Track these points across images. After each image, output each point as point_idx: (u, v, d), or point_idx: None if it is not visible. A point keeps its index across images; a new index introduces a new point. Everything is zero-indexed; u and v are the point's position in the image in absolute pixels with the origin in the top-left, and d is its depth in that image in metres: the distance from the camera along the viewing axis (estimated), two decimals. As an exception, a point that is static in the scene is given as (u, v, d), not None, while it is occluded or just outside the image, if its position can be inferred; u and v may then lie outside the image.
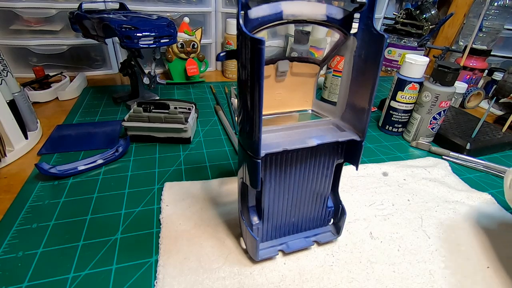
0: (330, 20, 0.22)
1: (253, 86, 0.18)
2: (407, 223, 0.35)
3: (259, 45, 0.17)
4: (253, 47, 0.17)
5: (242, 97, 0.21)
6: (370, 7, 0.21)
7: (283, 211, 0.28)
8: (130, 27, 0.47)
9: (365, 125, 0.24)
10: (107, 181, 0.39)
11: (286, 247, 0.30)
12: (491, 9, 0.75)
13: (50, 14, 0.66)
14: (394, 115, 0.54)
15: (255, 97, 0.18)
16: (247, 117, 0.20)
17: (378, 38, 0.21)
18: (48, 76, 0.64)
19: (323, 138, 0.23)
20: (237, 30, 0.19)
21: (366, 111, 0.23)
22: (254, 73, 0.18)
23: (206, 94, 0.69)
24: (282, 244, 0.30)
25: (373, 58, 0.22)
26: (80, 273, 0.27)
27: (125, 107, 0.60)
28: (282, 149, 0.22)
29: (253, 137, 0.20)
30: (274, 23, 0.21)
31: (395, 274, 0.29)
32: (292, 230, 0.31)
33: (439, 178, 0.44)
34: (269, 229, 0.29)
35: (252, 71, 0.18)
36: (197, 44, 0.70)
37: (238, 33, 0.19)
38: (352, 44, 0.24)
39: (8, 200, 0.35)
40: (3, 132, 0.41)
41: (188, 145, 0.49)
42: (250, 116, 0.20)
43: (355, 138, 0.24)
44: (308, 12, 0.22)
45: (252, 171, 0.22)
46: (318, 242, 0.31)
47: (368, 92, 0.23)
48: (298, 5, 0.21)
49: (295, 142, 0.22)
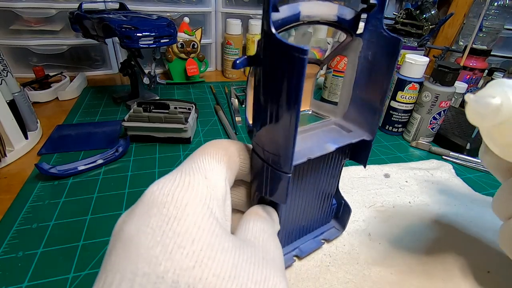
0: (340, 21, 0.22)
1: (289, 101, 0.16)
2: (407, 225, 0.35)
3: (302, 54, 0.14)
4: (293, 57, 0.14)
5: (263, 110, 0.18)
6: (380, 7, 0.21)
7: (297, 217, 0.28)
8: (130, 27, 0.47)
9: (376, 125, 0.24)
10: (107, 181, 0.39)
11: (300, 252, 0.29)
12: (491, 9, 0.75)
13: (50, 14, 0.66)
14: (394, 115, 0.54)
15: (291, 114, 0.16)
16: (274, 132, 0.18)
17: (392, 41, 0.20)
18: (48, 76, 0.64)
19: (337, 141, 0.23)
20: (264, 35, 0.16)
21: (378, 111, 0.23)
22: (291, 88, 0.15)
23: (206, 94, 0.69)
24: (295, 249, 0.29)
25: (386, 61, 0.21)
26: (80, 273, 0.27)
27: (125, 107, 0.60)
28: (307, 159, 0.20)
29: (285, 152, 0.18)
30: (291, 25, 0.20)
31: (392, 276, 0.29)
32: (302, 233, 0.30)
33: (442, 181, 0.43)
34: (283, 237, 0.28)
35: (289, 85, 0.15)
36: (197, 44, 0.70)
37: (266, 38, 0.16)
38: (358, 45, 0.24)
39: (8, 200, 0.35)
40: (3, 132, 0.41)
41: (188, 145, 0.49)
42: (279, 132, 0.17)
43: (366, 138, 0.24)
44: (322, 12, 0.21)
45: (281, 186, 0.19)
46: (326, 240, 0.31)
47: (378, 93, 0.22)
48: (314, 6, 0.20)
49: (314, 149, 0.22)
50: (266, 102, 0.18)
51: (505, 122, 0.19)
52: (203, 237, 0.13)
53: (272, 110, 0.17)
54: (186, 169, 0.16)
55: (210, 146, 0.19)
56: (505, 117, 0.18)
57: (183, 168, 0.16)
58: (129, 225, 0.13)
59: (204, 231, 0.13)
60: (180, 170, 0.16)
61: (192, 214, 0.14)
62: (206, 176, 0.16)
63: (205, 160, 0.17)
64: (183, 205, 0.14)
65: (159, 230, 0.13)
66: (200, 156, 0.17)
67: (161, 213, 0.13)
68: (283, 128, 0.17)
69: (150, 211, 0.14)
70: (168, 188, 0.14)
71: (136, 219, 0.13)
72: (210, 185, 0.16)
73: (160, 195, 0.14)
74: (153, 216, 0.13)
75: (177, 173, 0.16)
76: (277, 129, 0.17)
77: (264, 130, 0.19)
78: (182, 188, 0.14)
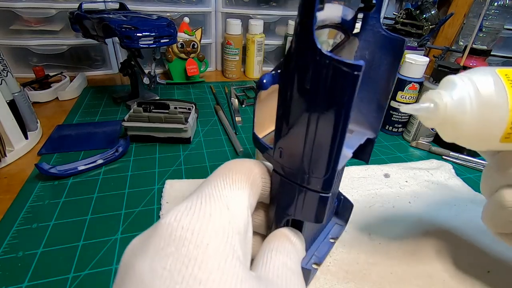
0: (343, 22, 0.21)
1: (337, 122, 0.14)
2: (407, 225, 0.35)
3: (357, 71, 0.13)
4: (343, 73, 0.13)
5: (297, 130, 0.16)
6: (378, 7, 0.21)
7: (314, 225, 0.27)
8: (130, 27, 0.47)
9: (379, 123, 0.24)
10: (107, 181, 0.39)
11: (318, 258, 0.28)
12: (491, 9, 0.75)
13: (50, 14, 0.66)
14: (394, 115, 0.54)
15: (337, 134, 0.15)
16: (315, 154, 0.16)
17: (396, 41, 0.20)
18: (48, 76, 0.64)
19: (348, 145, 0.23)
20: (299, 48, 0.14)
21: (381, 109, 0.23)
22: (339, 107, 0.14)
23: (206, 94, 0.69)
24: (312, 256, 0.29)
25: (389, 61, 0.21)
26: (80, 273, 0.27)
27: (125, 107, 0.60)
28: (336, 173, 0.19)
29: (326, 173, 0.17)
30: None
31: (392, 276, 0.29)
32: (315, 238, 0.30)
33: (441, 181, 0.43)
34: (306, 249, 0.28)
35: (336, 104, 0.14)
36: (197, 44, 0.70)
37: (303, 52, 0.14)
38: (353, 45, 0.24)
39: (8, 200, 0.35)
40: (3, 132, 0.41)
41: (188, 145, 0.49)
42: (321, 154, 0.16)
43: (370, 136, 0.24)
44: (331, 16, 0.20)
45: (320, 207, 0.18)
46: (334, 238, 0.31)
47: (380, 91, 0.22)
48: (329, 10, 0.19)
49: None
50: (303, 122, 0.16)
51: (442, 123, 0.19)
52: (227, 284, 0.12)
53: (312, 131, 0.16)
54: (206, 196, 0.14)
55: (232, 168, 0.17)
56: (440, 118, 0.19)
57: (203, 194, 0.15)
58: (141, 261, 0.12)
59: (228, 276, 0.12)
60: (199, 196, 0.14)
61: (214, 256, 0.12)
62: (229, 206, 0.14)
63: (227, 185, 0.16)
64: (205, 244, 0.12)
65: (178, 275, 0.11)
66: (221, 180, 0.16)
67: (179, 253, 0.12)
68: (325, 149, 0.15)
69: (167, 249, 0.12)
70: (188, 220, 0.13)
71: (151, 257, 0.12)
72: (233, 218, 0.14)
73: (178, 229, 0.12)
74: (170, 255, 0.12)
75: (196, 200, 0.14)
76: (319, 151, 0.16)
77: (299, 151, 0.17)
78: (203, 222, 0.13)
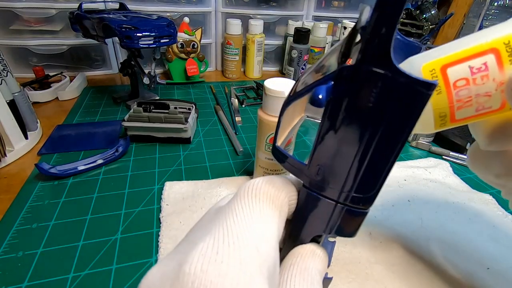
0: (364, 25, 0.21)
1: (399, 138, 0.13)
2: (407, 224, 0.35)
3: (430, 90, 0.11)
4: (414, 92, 0.12)
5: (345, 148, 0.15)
6: None
7: None
8: (130, 27, 0.47)
9: None
10: (107, 181, 0.39)
11: None
12: (491, 9, 0.75)
13: (50, 14, 0.66)
14: (394, 115, 0.54)
15: (392, 154, 0.14)
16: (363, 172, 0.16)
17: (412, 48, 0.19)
18: (48, 76, 0.64)
19: None
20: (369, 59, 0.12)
21: None
22: (406, 125, 0.13)
23: (206, 94, 0.69)
24: None
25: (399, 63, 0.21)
26: (80, 273, 0.27)
27: (125, 107, 0.60)
28: None
29: (372, 190, 0.16)
30: None
31: (394, 274, 0.29)
32: None
33: (440, 179, 0.43)
34: None
35: (404, 123, 0.13)
36: (197, 44, 0.70)
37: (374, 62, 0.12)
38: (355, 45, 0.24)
39: (8, 200, 0.35)
40: (3, 132, 0.41)
41: (188, 145, 0.49)
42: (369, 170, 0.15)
43: None
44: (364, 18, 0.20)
45: (355, 223, 0.18)
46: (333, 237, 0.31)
47: None
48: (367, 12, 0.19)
49: None
50: (355, 140, 0.15)
51: None
52: None
53: (367, 149, 0.15)
54: (234, 236, 0.12)
55: (257, 195, 0.14)
56: None
57: (229, 230, 0.12)
58: None
59: None
60: (226, 234, 0.12)
61: None
62: (259, 248, 0.12)
63: (254, 216, 0.13)
64: None
65: None
66: (247, 209, 0.13)
67: None
68: (380, 167, 0.15)
69: None
70: (216, 272, 0.11)
71: None
72: (264, 262, 0.12)
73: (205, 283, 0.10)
74: None
75: (223, 240, 0.12)
76: (371, 169, 0.15)
77: (344, 169, 0.16)
78: (233, 273, 0.11)
